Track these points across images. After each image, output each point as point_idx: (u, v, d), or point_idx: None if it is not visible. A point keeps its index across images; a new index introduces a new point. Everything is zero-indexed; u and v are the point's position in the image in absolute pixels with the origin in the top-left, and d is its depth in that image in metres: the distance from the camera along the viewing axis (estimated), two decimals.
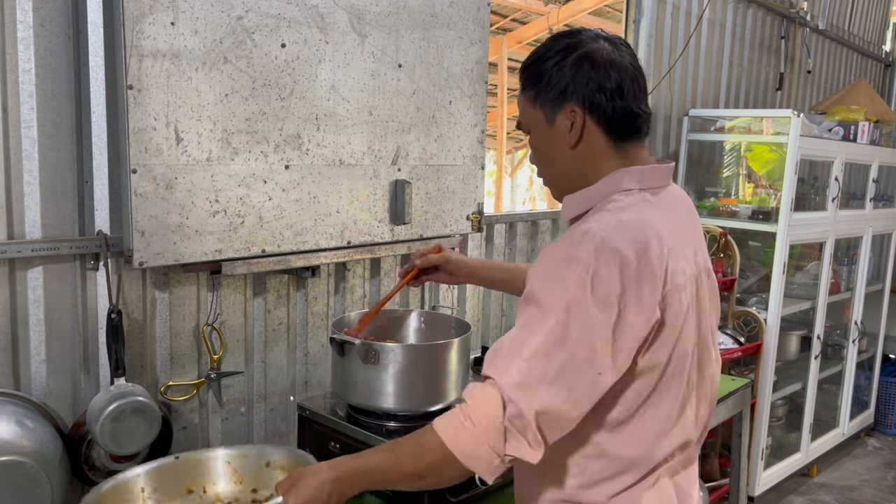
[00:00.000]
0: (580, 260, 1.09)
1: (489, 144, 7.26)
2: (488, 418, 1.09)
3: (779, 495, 3.89)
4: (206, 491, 1.58)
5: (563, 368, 1.08)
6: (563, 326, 1.08)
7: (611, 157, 1.24)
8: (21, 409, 1.61)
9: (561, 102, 1.23)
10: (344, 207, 2.05)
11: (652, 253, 1.12)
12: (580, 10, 5.77)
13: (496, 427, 1.09)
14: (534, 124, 1.29)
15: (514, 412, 1.08)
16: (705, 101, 3.87)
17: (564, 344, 1.08)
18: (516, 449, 1.09)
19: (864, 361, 4.62)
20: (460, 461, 1.11)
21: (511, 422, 1.08)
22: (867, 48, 5.51)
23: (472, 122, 2.36)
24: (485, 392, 1.11)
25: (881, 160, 4.14)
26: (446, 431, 1.12)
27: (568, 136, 1.24)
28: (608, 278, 1.08)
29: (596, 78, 1.20)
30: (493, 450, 1.10)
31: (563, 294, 1.09)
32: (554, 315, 1.09)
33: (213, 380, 1.98)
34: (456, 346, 1.77)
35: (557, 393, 1.09)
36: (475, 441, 1.09)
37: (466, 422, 1.10)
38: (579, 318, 1.08)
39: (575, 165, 1.26)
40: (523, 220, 2.92)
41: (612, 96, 1.20)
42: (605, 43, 1.23)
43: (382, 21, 2.06)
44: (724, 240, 3.48)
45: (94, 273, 1.74)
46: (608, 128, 1.23)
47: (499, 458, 1.10)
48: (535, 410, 1.08)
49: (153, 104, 1.65)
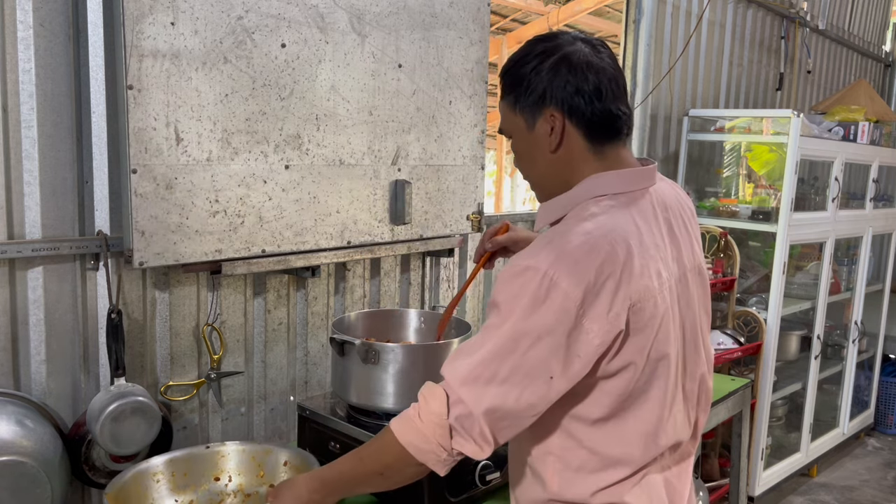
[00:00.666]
0: (538, 270, 1.11)
1: (489, 144, 7.26)
2: (435, 415, 1.15)
3: (779, 495, 3.90)
4: (232, 480, 1.69)
5: (514, 371, 1.12)
6: (517, 332, 1.12)
7: (591, 161, 1.25)
8: (21, 409, 1.61)
9: (540, 107, 1.23)
10: (344, 207, 2.05)
11: (616, 261, 1.13)
12: (580, 10, 5.77)
13: (442, 424, 1.14)
14: (514, 129, 1.29)
15: (462, 411, 1.14)
16: (705, 101, 3.87)
17: (516, 349, 1.12)
18: (461, 445, 1.15)
19: (864, 361, 4.62)
20: (413, 456, 1.17)
21: (457, 420, 1.14)
22: (867, 48, 5.51)
23: (472, 122, 2.36)
24: (433, 391, 1.17)
25: (881, 160, 4.14)
26: (399, 429, 1.19)
27: (548, 141, 1.24)
28: (566, 288, 1.10)
29: (574, 81, 1.20)
30: (440, 445, 1.15)
31: (519, 301, 1.12)
32: (510, 321, 1.12)
33: (213, 380, 1.98)
34: (456, 346, 1.76)
35: (507, 393, 1.13)
36: (423, 437, 1.16)
37: (416, 419, 1.17)
38: (533, 326, 1.11)
39: (556, 169, 1.27)
40: (523, 220, 2.92)
41: (590, 99, 1.21)
42: (583, 45, 1.23)
43: (382, 21, 2.06)
44: (724, 240, 3.48)
45: (94, 273, 1.74)
46: (588, 131, 1.23)
47: (446, 453, 1.16)
48: (482, 409, 1.13)
49: (153, 104, 1.65)
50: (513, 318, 1.12)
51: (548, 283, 1.10)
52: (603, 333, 1.12)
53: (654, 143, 3.58)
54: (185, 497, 1.63)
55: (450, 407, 1.14)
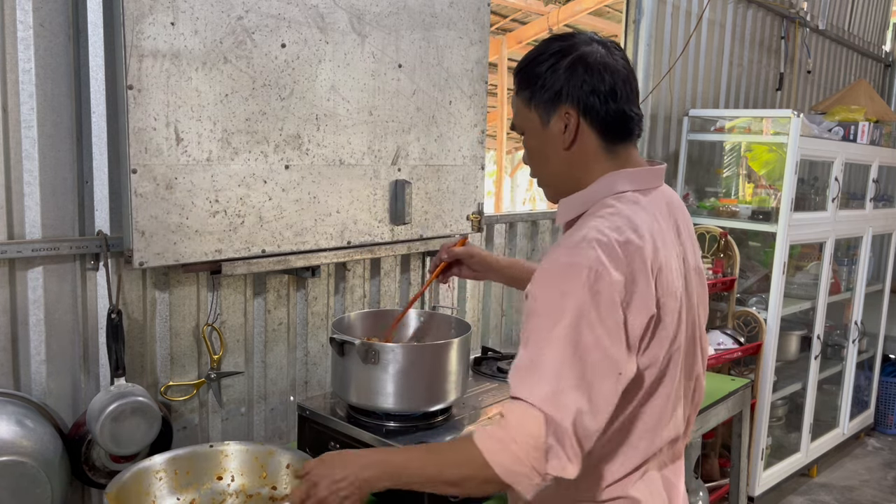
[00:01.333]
0: (580, 266, 1.11)
1: (489, 144, 7.26)
2: (532, 438, 1.09)
3: (779, 495, 3.89)
4: (234, 480, 1.68)
5: (585, 375, 1.10)
6: (575, 332, 1.10)
7: (603, 159, 1.27)
8: (21, 409, 1.61)
9: (555, 104, 1.25)
10: (344, 207, 2.05)
11: (646, 254, 1.15)
12: (580, 10, 5.77)
13: (538, 447, 1.09)
14: (528, 126, 1.30)
15: (555, 428, 1.09)
16: (705, 101, 3.87)
17: (578, 352, 1.10)
18: (556, 467, 1.10)
19: (864, 361, 4.62)
20: (500, 477, 1.11)
21: (554, 437, 1.09)
22: (867, 48, 5.51)
23: (472, 122, 2.36)
24: (526, 413, 1.11)
25: (881, 160, 4.14)
26: (489, 448, 1.12)
27: (562, 138, 1.26)
28: (610, 281, 1.11)
29: (590, 81, 1.22)
30: (534, 469, 1.10)
31: (567, 302, 1.11)
32: (563, 322, 1.10)
33: (213, 380, 1.98)
34: (456, 346, 1.77)
35: (586, 400, 1.10)
36: (517, 460, 1.10)
37: (510, 442, 1.10)
38: (588, 324, 1.10)
39: (568, 167, 1.28)
40: (523, 220, 2.92)
41: (605, 99, 1.23)
42: (598, 46, 1.25)
43: (382, 21, 2.06)
44: (724, 240, 3.48)
45: (94, 273, 1.74)
46: (601, 130, 1.25)
47: (539, 477, 1.10)
48: (570, 421, 1.09)
49: (153, 104, 1.65)
50: (566, 319, 1.11)
51: (594, 277, 1.11)
52: (641, 326, 1.15)
53: (654, 143, 3.58)
54: (187, 496, 1.63)
55: (546, 428, 1.09)
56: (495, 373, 2.22)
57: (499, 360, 2.31)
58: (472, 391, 2.02)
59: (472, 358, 2.30)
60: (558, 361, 1.10)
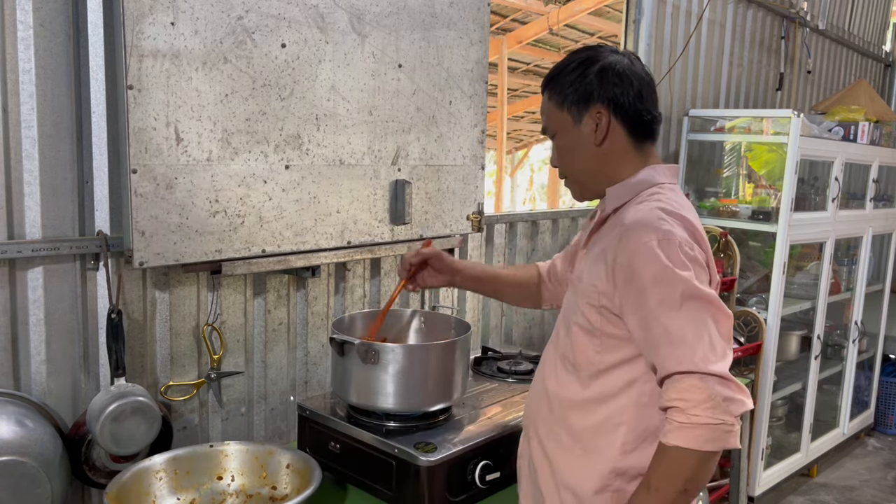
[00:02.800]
0: (672, 239, 1.25)
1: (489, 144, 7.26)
2: (708, 401, 1.18)
3: (779, 495, 3.89)
4: (234, 480, 1.70)
5: (714, 326, 1.23)
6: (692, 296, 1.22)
7: (633, 155, 1.41)
8: (21, 409, 1.61)
9: (587, 104, 1.38)
10: (344, 207, 2.05)
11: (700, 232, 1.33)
12: (580, 10, 5.77)
13: (717, 405, 1.18)
14: (560, 126, 1.43)
15: (717, 381, 1.19)
16: (705, 101, 3.87)
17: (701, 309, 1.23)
18: (740, 407, 1.20)
19: (864, 361, 4.62)
20: (714, 451, 1.20)
21: (722, 387, 1.19)
22: (867, 48, 5.51)
23: (472, 122, 2.36)
24: (684, 387, 1.20)
25: (881, 160, 4.14)
26: (683, 438, 1.19)
27: (594, 136, 1.39)
28: (697, 251, 1.28)
29: (620, 84, 1.37)
30: (726, 423, 1.19)
31: (674, 272, 1.23)
32: (677, 293, 1.23)
33: (213, 380, 1.98)
34: (456, 346, 1.77)
35: (723, 345, 1.23)
36: (712, 428, 1.18)
37: (693, 418, 1.18)
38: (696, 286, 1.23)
39: (599, 163, 1.41)
40: (523, 220, 2.92)
41: (634, 100, 1.38)
42: (621, 57, 1.41)
43: (382, 21, 2.06)
44: (724, 240, 3.48)
45: (94, 273, 1.74)
46: (630, 128, 1.40)
47: (737, 423, 1.21)
48: (726, 368, 1.21)
49: (153, 104, 1.65)
50: (679, 285, 1.23)
51: (687, 245, 1.26)
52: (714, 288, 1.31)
53: None
54: (187, 496, 1.63)
55: (709, 385, 1.18)
56: (495, 373, 2.22)
57: (499, 360, 2.31)
58: (472, 391, 2.02)
59: (472, 358, 2.30)
60: (690, 324, 1.22)
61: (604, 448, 1.35)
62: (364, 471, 1.72)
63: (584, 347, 1.38)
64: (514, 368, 2.21)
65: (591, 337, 1.37)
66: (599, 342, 1.36)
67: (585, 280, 1.39)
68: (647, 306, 1.24)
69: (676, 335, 1.22)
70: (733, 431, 1.19)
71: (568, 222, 3.14)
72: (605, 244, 1.36)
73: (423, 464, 1.60)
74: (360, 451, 1.72)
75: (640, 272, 1.25)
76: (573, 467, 1.39)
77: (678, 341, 1.21)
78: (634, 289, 1.26)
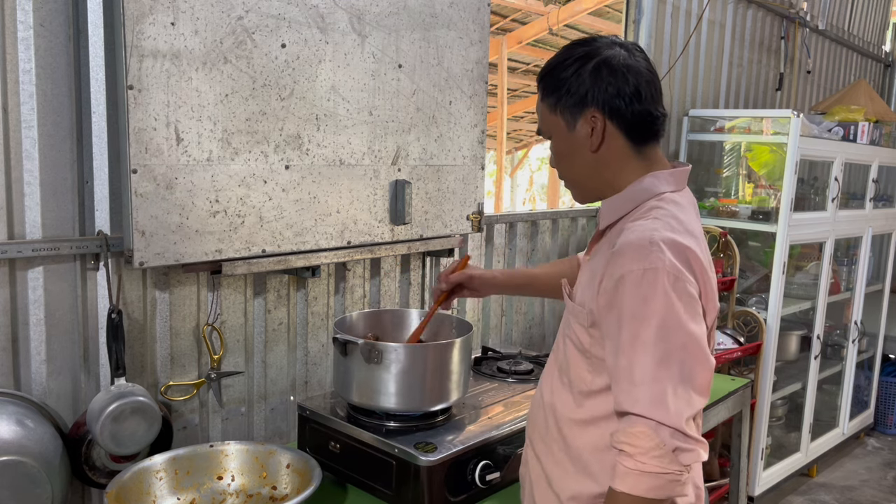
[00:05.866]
0: (657, 270, 1.15)
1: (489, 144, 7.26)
2: (654, 449, 1.13)
3: (779, 495, 3.89)
4: (234, 480, 1.69)
5: (683, 371, 1.15)
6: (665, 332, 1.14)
7: (632, 160, 1.31)
8: (21, 409, 1.61)
9: (581, 108, 1.28)
10: (344, 207, 2.05)
11: (702, 248, 1.24)
12: (580, 10, 5.77)
13: (664, 454, 1.13)
14: (554, 130, 1.33)
15: (670, 431, 1.13)
16: (705, 101, 3.87)
17: (672, 351, 1.15)
18: (691, 458, 1.14)
19: (863, 361, 4.62)
20: (661, 498, 1.15)
21: (673, 438, 1.13)
22: (867, 48, 5.51)
23: (472, 122, 2.36)
24: (633, 432, 1.15)
25: (881, 160, 4.14)
26: (629, 485, 1.15)
27: (589, 141, 1.29)
28: (686, 279, 1.17)
29: (614, 83, 1.25)
30: (675, 472, 1.14)
31: (651, 307, 1.15)
32: (652, 326, 1.15)
33: (213, 380, 1.98)
34: (458, 346, 1.77)
35: (688, 394, 1.15)
36: (658, 476, 1.13)
37: (639, 465, 1.14)
38: (676, 323, 1.15)
39: (597, 169, 1.32)
40: (523, 221, 2.92)
41: (630, 101, 1.26)
42: (620, 49, 1.28)
43: (382, 21, 2.06)
44: (724, 240, 3.48)
45: (95, 273, 1.74)
46: (628, 132, 1.29)
47: (686, 473, 1.15)
48: (684, 419, 1.14)
49: (153, 104, 1.65)
50: (653, 323, 1.14)
51: (672, 279, 1.15)
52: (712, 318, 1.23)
53: None
54: (187, 496, 1.63)
55: (660, 434, 1.13)
56: (495, 373, 2.22)
57: (499, 360, 2.31)
58: (473, 391, 2.02)
59: (473, 358, 2.30)
60: (656, 364, 1.14)
61: (595, 470, 1.29)
62: (364, 471, 1.72)
63: (578, 365, 1.32)
64: (514, 368, 2.21)
65: (583, 356, 1.31)
66: (590, 363, 1.29)
67: (578, 299, 1.33)
68: (620, 337, 1.18)
69: (639, 374, 1.15)
70: (681, 481, 1.14)
71: (568, 222, 3.14)
72: (597, 263, 1.29)
73: (423, 464, 1.60)
74: (361, 451, 1.72)
75: (621, 302, 1.18)
76: (566, 485, 1.33)
77: (639, 381, 1.15)
78: (613, 317, 1.20)
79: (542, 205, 11.98)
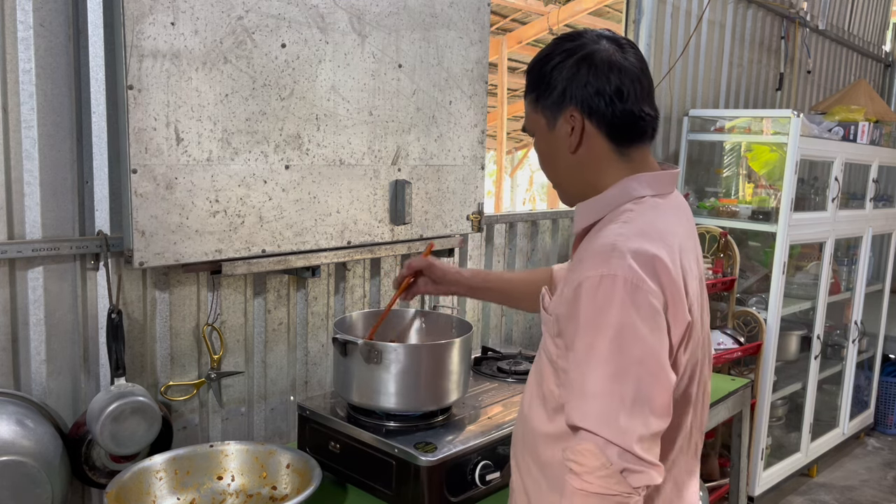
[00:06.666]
0: (616, 277, 1.07)
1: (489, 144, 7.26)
2: (600, 469, 1.06)
3: (779, 495, 3.90)
4: (234, 480, 1.69)
5: (639, 389, 1.06)
6: (621, 350, 1.06)
7: (615, 162, 1.23)
8: (21, 409, 1.61)
9: (560, 107, 1.21)
10: (344, 207, 2.05)
11: (675, 257, 1.13)
12: (580, 10, 5.77)
13: (611, 474, 1.05)
14: (536, 128, 1.28)
15: (619, 451, 1.05)
16: (705, 102, 3.87)
17: (628, 366, 1.06)
18: (641, 480, 1.06)
19: (864, 361, 4.62)
20: None
21: (621, 459, 1.05)
22: (867, 48, 5.51)
23: (472, 122, 2.36)
24: (580, 450, 1.08)
25: (881, 160, 4.14)
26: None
27: (568, 141, 1.22)
28: (647, 290, 1.07)
29: (594, 82, 1.18)
30: (624, 493, 1.06)
31: (608, 317, 1.07)
32: (606, 338, 1.07)
33: (213, 380, 1.98)
34: (457, 346, 1.77)
35: (644, 414, 1.06)
36: (605, 498, 1.06)
37: (585, 485, 1.06)
38: (633, 336, 1.06)
39: (578, 171, 1.25)
40: (523, 220, 2.92)
41: (611, 100, 1.18)
42: (608, 44, 1.21)
43: (382, 21, 2.06)
44: (724, 240, 3.48)
45: (95, 273, 1.74)
46: (609, 132, 1.21)
47: (636, 494, 1.07)
48: (635, 438, 1.05)
49: (153, 104, 1.65)
50: (608, 335, 1.06)
51: (631, 287, 1.06)
52: (680, 335, 1.12)
53: (654, 143, 3.56)
54: (187, 496, 1.63)
55: (607, 453, 1.05)
56: (495, 373, 2.22)
57: (499, 360, 2.31)
58: (472, 391, 2.02)
59: (473, 358, 2.30)
60: (609, 379, 1.06)
61: None
62: (364, 471, 1.72)
63: (549, 378, 1.24)
64: (514, 368, 2.21)
65: (553, 368, 1.22)
66: (558, 376, 1.21)
67: (551, 308, 1.26)
68: (575, 347, 1.10)
69: (590, 387, 1.07)
70: (629, 503, 1.06)
71: (567, 222, 3.14)
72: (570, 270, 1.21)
73: (423, 464, 1.60)
74: (360, 450, 1.72)
75: (577, 310, 1.10)
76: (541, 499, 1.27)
77: (590, 394, 1.07)
78: (572, 325, 1.12)
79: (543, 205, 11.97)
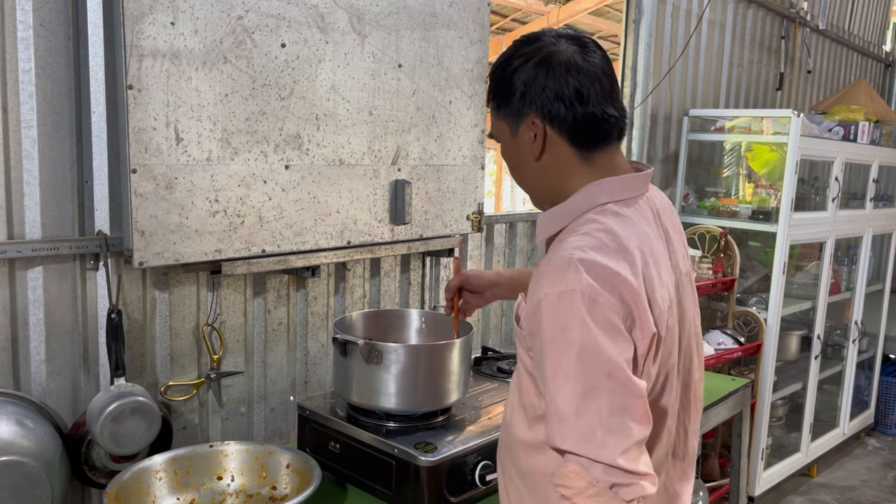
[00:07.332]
0: (575, 292, 1.04)
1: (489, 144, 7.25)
2: (590, 488, 1.03)
3: (779, 495, 3.90)
4: (234, 480, 1.69)
5: (613, 401, 1.03)
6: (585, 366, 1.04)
7: (579, 168, 1.19)
8: (21, 409, 1.61)
9: (521, 113, 1.18)
10: (344, 207, 2.05)
11: (636, 269, 1.09)
12: (580, 10, 5.77)
13: (602, 491, 1.02)
14: (501, 135, 1.25)
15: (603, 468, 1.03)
16: (705, 101, 3.87)
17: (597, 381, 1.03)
18: (633, 493, 1.03)
19: (864, 361, 4.63)
20: None
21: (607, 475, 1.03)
22: (867, 48, 5.51)
23: (472, 122, 2.36)
24: (566, 473, 1.05)
25: (881, 160, 4.14)
26: None
27: (531, 148, 1.19)
28: (606, 303, 1.05)
29: (552, 86, 1.14)
30: None
31: (569, 335, 1.04)
32: (571, 359, 1.04)
33: (213, 380, 1.98)
34: (457, 346, 1.77)
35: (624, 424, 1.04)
36: None
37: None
38: (596, 350, 1.04)
39: (544, 177, 1.22)
40: (523, 220, 2.92)
41: (571, 104, 1.14)
42: (568, 44, 1.16)
43: (382, 21, 2.06)
44: (724, 240, 3.48)
45: (94, 273, 1.74)
46: (571, 137, 1.17)
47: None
48: (619, 453, 1.02)
49: (153, 104, 1.65)
50: (574, 349, 1.04)
51: (588, 301, 1.04)
52: (645, 346, 1.09)
53: (654, 143, 3.58)
54: (187, 496, 1.63)
55: (591, 472, 1.02)
56: (495, 373, 2.22)
57: (499, 360, 2.31)
58: (472, 391, 2.02)
59: (473, 358, 2.30)
60: (579, 398, 1.03)
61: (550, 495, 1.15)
62: (364, 471, 1.72)
63: (528, 388, 1.21)
64: (513, 369, 2.21)
65: (530, 377, 1.19)
66: (536, 387, 1.18)
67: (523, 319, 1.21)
68: (543, 366, 1.08)
69: (564, 408, 1.04)
70: None
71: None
72: None
73: (423, 464, 1.60)
74: (360, 451, 1.72)
75: (542, 327, 1.07)
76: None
77: (565, 416, 1.04)
78: (538, 342, 1.09)
79: None
